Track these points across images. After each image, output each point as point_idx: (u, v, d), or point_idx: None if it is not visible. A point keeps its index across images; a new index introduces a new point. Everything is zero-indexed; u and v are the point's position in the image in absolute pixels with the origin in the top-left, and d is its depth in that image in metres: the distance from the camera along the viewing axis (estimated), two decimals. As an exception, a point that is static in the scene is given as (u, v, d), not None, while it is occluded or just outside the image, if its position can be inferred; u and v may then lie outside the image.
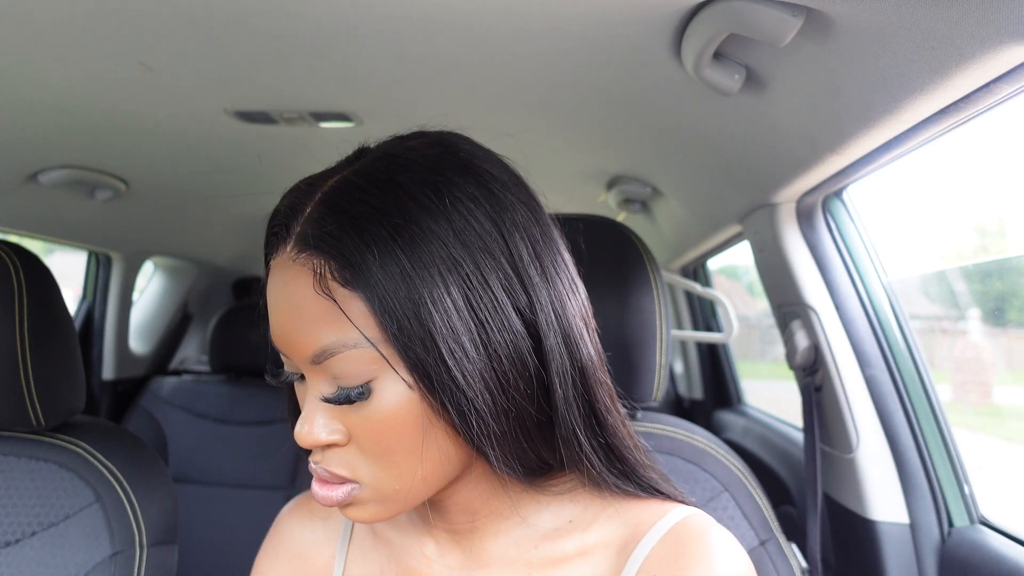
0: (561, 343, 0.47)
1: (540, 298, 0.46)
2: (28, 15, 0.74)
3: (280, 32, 0.78)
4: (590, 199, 1.61)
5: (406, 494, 0.49)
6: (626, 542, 0.53)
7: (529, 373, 0.46)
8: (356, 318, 0.45)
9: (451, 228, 0.44)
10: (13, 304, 0.85)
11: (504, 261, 0.45)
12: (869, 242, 1.13)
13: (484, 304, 0.44)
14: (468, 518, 0.55)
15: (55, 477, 0.88)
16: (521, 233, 0.46)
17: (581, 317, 0.49)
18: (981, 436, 1.84)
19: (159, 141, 1.23)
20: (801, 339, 1.15)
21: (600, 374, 0.50)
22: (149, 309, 2.47)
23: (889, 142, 0.79)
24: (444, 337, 0.43)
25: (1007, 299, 1.40)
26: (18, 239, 1.68)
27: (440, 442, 0.47)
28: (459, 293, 0.43)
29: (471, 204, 0.45)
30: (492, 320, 0.44)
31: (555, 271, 0.47)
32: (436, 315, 0.43)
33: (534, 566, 0.53)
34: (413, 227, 0.44)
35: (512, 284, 0.45)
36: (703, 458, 0.88)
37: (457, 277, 0.44)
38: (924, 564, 1.02)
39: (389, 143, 0.51)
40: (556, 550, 0.53)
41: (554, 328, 0.46)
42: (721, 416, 2.18)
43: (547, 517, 0.55)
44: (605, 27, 0.74)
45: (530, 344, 0.46)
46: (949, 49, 0.58)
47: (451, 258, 0.44)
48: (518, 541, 0.55)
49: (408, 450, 0.47)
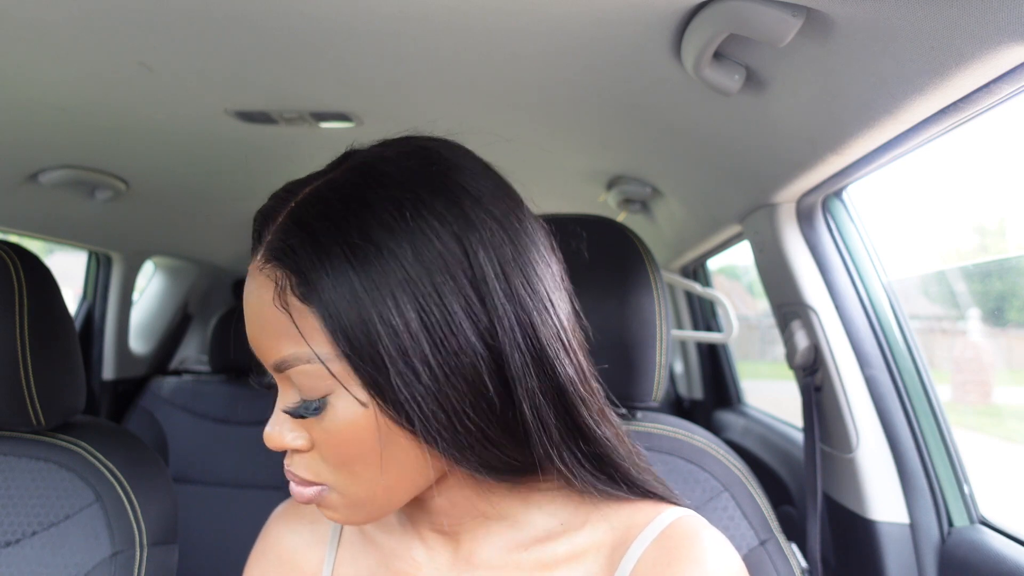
0: (529, 363, 0.46)
1: (505, 319, 0.45)
2: (28, 15, 0.75)
3: (280, 32, 0.78)
4: (590, 199, 1.61)
5: (375, 500, 0.50)
6: (617, 544, 0.52)
7: (491, 393, 0.45)
8: (310, 334, 0.45)
9: (411, 247, 0.44)
10: (13, 304, 0.85)
11: (466, 281, 0.44)
12: (869, 242, 1.13)
13: (440, 325, 0.44)
14: (454, 520, 0.54)
15: (55, 477, 0.88)
16: (488, 252, 0.45)
17: (557, 337, 0.47)
18: (981, 436, 1.84)
19: (159, 141, 1.23)
20: (801, 339, 1.15)
21: (583, 390, 0.49)
22: (149, 309, 2.47)
23: (889, 142, 0.79)
24: (394, 358, 0.43)
25: (1007, 299, 1.40)
26: (18, 239, 1.68)
27: (404, 454, 0.47)
28: (413, 313, 0.43)
29: (436, 222, 0.45)
30: (448, 341, 0.44)
31: (527, 290, 0.46)
32: (385, 336, 0.43)
33: (524, 569, 0.53)
34: (370, 246, 0.44)
35: (472, 305, 0.44)
36: (703, 458, 0.88)
37: (412, 297, 0.43)
38: (924, 564, 1.02)
39: (370, 150, 0.51)
40: (547, 553, 0.53)
41: (520, 349, 0.45)
42: (721, 416, 2.18)
43: (538, 520, 0.54)
44: (605, 27, 0.74)
45: (492, 365, 0.45)
46: (949, 49, 0.58)
47: (407, 278, 0.43)
48: (508, 544, 0.54)
49: (367, 462, 0.47)
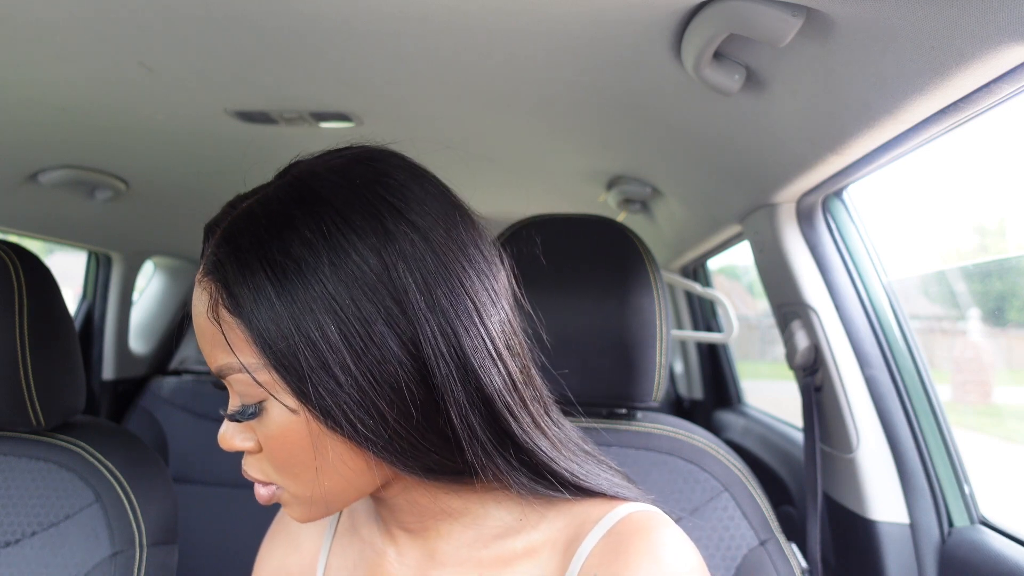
0: (453, 372, 0.46)
1: (427, 330, 0.45)
2: (29, 15, 0.75)
3: (280, 32, 0.78)
4: (590, 199, 1.61)
5: (321, 501, 0.51)
6: (571, 540, 0.52)
7: (419, 400, 0.46)
8: (238, 345, 0.47)
9: (329, 262, 0.45)
10: (13, 304, 0.85)
11: (386, 294, 0.45)
12: (869, 242, 1.13)
13: (360, 336, 0.45)
14: (416, 519, 0.56)
15: (55, 477, 0.88)
16: (408, 264, 0.46)
17: (484, 348, 0.47)
18: (982, 436, 1.84)
19: (159, 141, 1.23)
20: (801, 339, 1.15)
21: (511, 400, 0.49)
22: (149, 309, 2.47)
23: (889, 142, 0.79)
24: (314, 368, 0.45)
25: (1007, 299, 1.40)
26: (18, 239, 1.68)
27: (341, 458, 0.49)
28: (333, 326, 0.44)
29: (355, 237, 0.46)
30: (370, 351, 0.45)
31: (450, 301, 0.46)
32: (305, 348, 0.44)
33: (485, 565, 0.54)
34: (288, 262, 0.45)
35: (394, 317, 0.45)
36: (703, 458, 0.88)
37: (331, 311, 0.44)
38: (924, 564, 1.02)
39: (311, 162, 0.51)
40: (506, 548, 0.54)
41: (444, 359, 0.46)
42: (721, 416, 2.18)
43: (496, 515, 0.55)
44: (605, 27, 0.74)
45: (416, 376, 0.46)
46: (949, 49, 0.58)
47: (325, 292, 0.45)
48: (470, 541, 0.55)
49: (305, 465, 0.49)
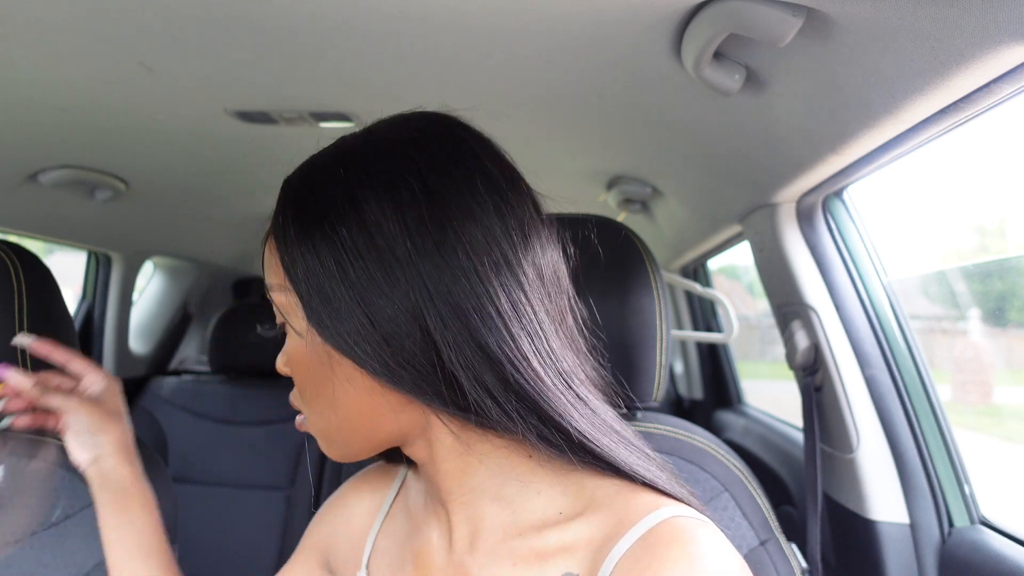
0: (446, 318, 0.49)
1: (411, 272, 0.49)
2: (28, 15, 0.75)
3: (280, 32, 0.78)
4: (590, 199, 1.61)
5: (338, 435, 0.56)
6: (606, 539, 0.51)
7: (414, 337, 0.50)
8: (272, 267, 0.55)
9: (341, 203, 0.52)
10: (13, 304, 0.85)
11: (380, 236, 0.50)
12: (869, 242, 1.13)
13: (353, 269, 0.50)
14: (446, 490, 0.56)
15: (55, 477, 0.88)
16: (403, 211, 0.50)
17: (480, 300, 0.50)
18: (982, 436, 1.84)
19: (159, 141, 1.23)
20: (801, 339, 1.15)
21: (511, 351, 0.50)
22: (149, 309, 2.47)
23: (889, 142, 0.79)
24: (314, 293, 0.51)
25: (1007, 299, 1.40)
26: (18, 239, 1.68)
27: (354, 389, 0.52)
28: (331, 257, 0.50)
29: (366, 185, 0.52)
30: (365, 287, 0.50)
31: (440, 251, 0.50)
32: (307, 273, 0.51)
33: (518, 557, 0.53)
34: (311, 199, 0.53)
35: (385, 257, 0.50)
36: (703, 458, 0.88)
37: (330, 243, 0.51)
38: (924, 564, 1.02)
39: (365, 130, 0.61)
40: (540, 542, 0.53)
41: (436, 305, 0.49)
42: (721, 416, 2.18)
43: (536, 505, 0.54)
44: (605, 27, 0.74)
45: (407, 313, 0.50)
46: (949, 49, 0.58)
47: (332, 228, 0.51)
48: (505, 529, 0.55)
49: (317, 391, 0.54)
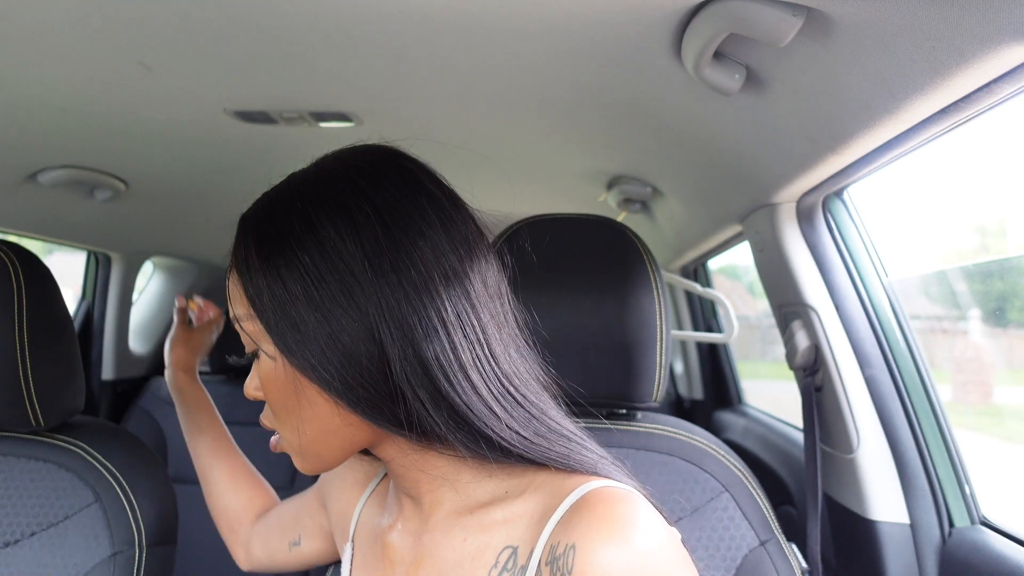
0: (392, 333, 0.53)
1: (369, 291, 0.53)
2: (28, 15, 0.75)
3: (280, 32, 0.78)
4: (590, 199, 1.61)
5: (307, 451, 0.60)
6: (544, 511, 0.57)
7: (370, 353, 0.54)
8: (237, 297, 0.59)
9: (300, 230, 0.55)
10: (13, 304, 0.85)
11: (338, 258, 0.54)
12: (869, 242, 1.13)
13: (317, 292, 0.54)
14: (413, 484, 0.63)
15: (55, 477, 0.89)
16: (360, 234, 0.54)
17: (427, 316, 0.54)
18: (982, 436, 1.84)
19: (159, 141, 1.23)
20: (801, 339, 1.15)
21: (449, 366, 0.54)
22: (149, 309, 2.47)
23: (889, 142, 0.79)
24: (280, 319, 0.54)
25: (1007, 299, 1.40)
26: (18, 239, 1.68)
27: (319, 409, 0.57)
28: (296, 284, 0.54)
29: (321, 211, 0.55)
30: (323, 306, 0.53)
31: (395, 270, 0.54)
32: (273, 300, 0.55)
33: (468, 529, 0.60)
34: (270, 230, 0.56)
35: (345, 278, 0.54)
36: (703, 458, 0.88)
37: (293, 269, 0.54)
38: (924, 564, 1.02)
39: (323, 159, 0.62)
40: (488, 516, 0.60)
41: (385, 320, 0.53)
42: (721, 416, 2.18)
43: (487, 487, 0.61)
44: (605, 27, 0.74)
45: (364, 331, 0.54)
46: (949, 49, 0.58)
47: (293, 255, 0.54)
48: (459, 508, 0.62)
49: (289, 411, 0.59)
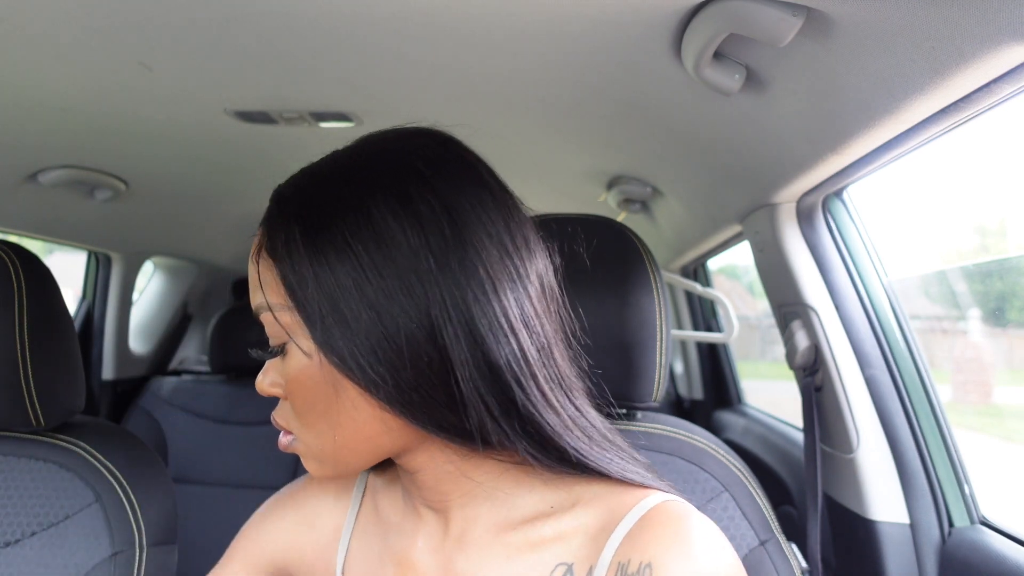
0: (460, 336, 0.48)
1: (435, 291, 0.48)
2: (28, 16, 0.75)
3: (280, 32, 0.78)
4: (590, 199, 1.61)
5: (335, 455, 0.54)
6: (603, 527, 0.53)
7: (427, 356, 0.48)
8: (269, 285, 0.51)
9: (353, 218, 0.49)
10: (13, 304, 0.85)
11: (399, 252, 0.48)
12: (869, 242, 1.13)
13: (372, 287, 0.48)
14: (441, 496, 0.57)
15: (55, 477, 0.88)
16: (424, 227, 0.49)
17: (495, 318, 0.49)
18: (982, 436, 1.84)
19: (159, 141, 1.23)
20: (801, 339, 1.15)
21: (520, 371, 0.50)
22: (149, 309, 2.47)
23: (889, 142, 0.79)
24: (328, 312, 0.48)
25: (1008, 299, 1.40)
26: (18, 239, 1.68)
27: (356, 410, 0.51)
28: (348, 275, 0.48)
29: (379, 197, 0.49)
30: (379, 302, 0.48)
31: (462, 268, 0.49)
32: (320, 292, 0.48)
33: (512, 548, 0.55)
34: (317, 215, 0.50)
35: (405, 273, 0.48)
36: (703, 458, 0.88)
37: (346, 260, 0.48)
38: (924, 564, 1.02)
39: (363, 136, 0.56)
40: (535, 533, 0.55)
41: (451, 322, 0.48)
42: (721, 416, 2.18)
43: (528, 501, 0.56)
44: (605, 27, 0.74)
45: (425, 332, 0.48)
46: (949, 49, 0.58)
47: (345, 244, 0.48)
48: (498, 524, 0.56)
49: (319, 413, 0.52)
